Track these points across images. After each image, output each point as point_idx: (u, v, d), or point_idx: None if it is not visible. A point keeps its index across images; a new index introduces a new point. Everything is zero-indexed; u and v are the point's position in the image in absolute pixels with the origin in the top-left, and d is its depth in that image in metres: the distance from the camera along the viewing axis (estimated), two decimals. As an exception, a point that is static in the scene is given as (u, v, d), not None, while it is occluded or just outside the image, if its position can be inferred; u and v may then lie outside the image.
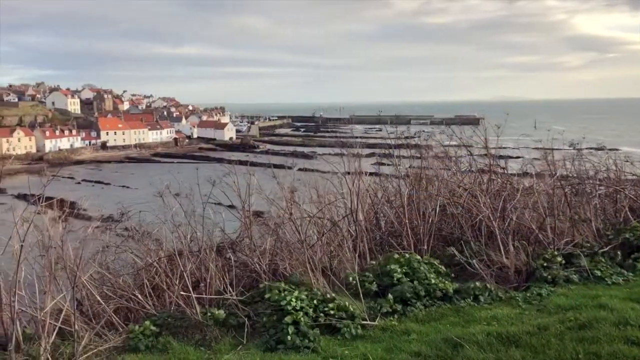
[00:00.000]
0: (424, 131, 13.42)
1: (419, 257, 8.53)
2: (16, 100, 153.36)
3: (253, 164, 10.35)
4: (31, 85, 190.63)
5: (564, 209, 10.34)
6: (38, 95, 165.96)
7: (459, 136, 12.33)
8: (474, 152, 12.18)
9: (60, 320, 6.85)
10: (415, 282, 8.07)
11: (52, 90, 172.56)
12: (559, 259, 8.87)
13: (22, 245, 6.69)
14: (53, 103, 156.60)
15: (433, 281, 8.11)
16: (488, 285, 8.36)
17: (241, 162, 10.35)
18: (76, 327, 6.94)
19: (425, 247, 9.41)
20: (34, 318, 7.23)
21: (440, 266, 8.55)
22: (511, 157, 13.97)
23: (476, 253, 9.09)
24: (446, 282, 8.29)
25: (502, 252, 8.86)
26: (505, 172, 11.73)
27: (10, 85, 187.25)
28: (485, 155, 11.72)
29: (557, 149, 12.38)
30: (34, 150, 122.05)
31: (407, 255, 8.50)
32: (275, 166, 10.41)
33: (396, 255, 8.51)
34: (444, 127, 13.32)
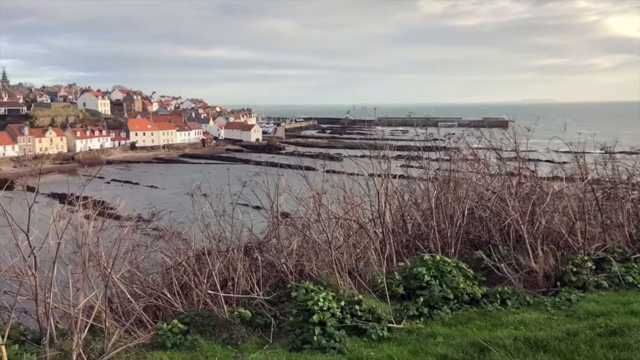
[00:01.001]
0: (453, 133, 13.30)
1: (448, 259, 8.49)
2: (49, 101, 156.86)
3: (278, 165, 10.43)
4: (63, 86, 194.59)
5: (595, 214, 10.16)
6: (70, 96, 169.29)
7: (488, 139, 12.21)
8: (503, 155, 12.05)
9: (92, 317, 7.00)
10: (443, 286, 8.04)
11: (84, 91, 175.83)
12: (589, 264, 8.73)
13: (58, 243, 6.87)
14: (84, 104, 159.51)
15: (461, 285, 8.07)
16: (516, 290, 8.30)
17: (271, 164, 10.41)
18: (107, 324, 7.09)
19: (453, 250, 9.36)
20: (66, 314, 7.41)
21: (468, 270, 8.49)
22: (540, 161, 13.76)
23: (504, 257, 9.01)
24: (474, 285, 8.24)
25: (531, 256, 8.76)
26: (535, 175, 11.57)
27: (44, 87, 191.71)
28: (515, 158, 11.59)
29: (588, 153, 12.16)
30: (65, 150, 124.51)
31: (437, 258, 8.46)
32: (301, 168, 10.47)
33: (425, 257, 8.48)
34: (472, 130, 13.20)
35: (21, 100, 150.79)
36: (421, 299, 7.84)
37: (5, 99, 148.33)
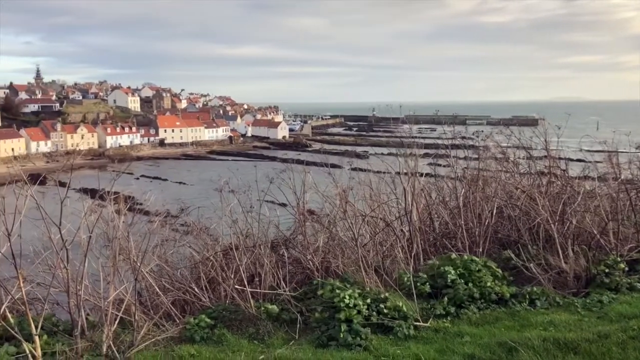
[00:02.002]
0: (482, 131, 13.15)
1: (476, 258, 8.40)
2: (80, 98, 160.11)
3: (304, 163, 10.46)
4: (95, 83, 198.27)
5: (629, 214, 9.94)
6: (101, 93, 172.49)
7: (517, 137, 12.04)
8: (533, 154, 11.87)
9: (122, 310, 7.12)
10: (470, 285, 7.96)
11: (114, 88, 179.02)
12: (622, 265, 8.54)
13: (90, 237, 7.01)
14: (114, 101, 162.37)
15: (489, 284, 7.98)
16: (545, 290, 8.17)
17: (298, 162, 10.45)
18: (136, 317, 7.21)
19: (481, 249, 9.27)
20: (96, 306, 7.56)
21: (496, 269, 8.39)
22: (572, 160, 13.50)
23: (533, 257, 8.88)
24: (502, 285, 8.13)
25: (561, 257, 8.61)
26: (566, 174, 11.37)
27: (76, 84, 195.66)
28: (545, 157, 11.41)
29: (622, 152, 11.89)
30: (95, 146, 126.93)
31: (464, 257, 8.39)
32: (328, 165, 10.48)
33: (453, 256, 8.41)
34: (501, 128, 13.03)
35: (54, 97, 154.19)
36: (447, 297, 7.78)
37: (39, 96, 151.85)
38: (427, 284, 8.09)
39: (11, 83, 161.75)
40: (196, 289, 8.21)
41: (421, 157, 10.62)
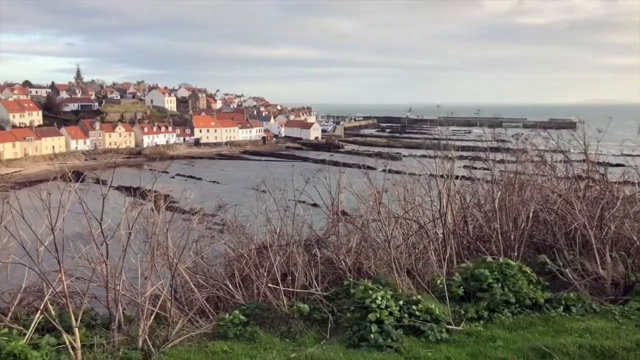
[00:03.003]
0: (521, 134, 12.96)
1: (511, 262, 8.30)
2: (118, 97, 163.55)
3: (336, 164, 10.51)
4: (132, 83, 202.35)
5: (671, 220, 9.67)
6: (138, 93, 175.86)
7: (556, 140, 11.83)
8: (571, 158, 11.64)
9: (158, 305, 7.29)
10: (505, 289, 7.87)
11: (151, 88, 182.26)
12: (663, 273, 8.32)
13: (129, 233, 7.19)
14: (151, 101, 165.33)
15: (524, 289, 7.87)
16: (581, 296, 8.02)
17: (333, 163, 10.51)
18: (171, 312, 7.37)
19: (516, 253, 9.15)
20: (133, 301, 7.74)
21: (531, 274, 8.27)
22: (611, 165, 13.16)
23: (569, 262, 8.72)
24: (537, 290, 8.02)
25: (598, 263, 8.43)
26: (605, 178, 11.11)
27: (114, 84, 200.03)
28: (583, 160, 11.18)
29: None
30: (133, 145, 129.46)
31: (499, 260, 8.30)
32: (362, 167, 10.49)
33: (488, 259, 8.33)
34: (539, 131, 12.81)
35: (93, 97, 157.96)
36: (483, 301, 7.71)
37: (79, 95, 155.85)
38: (461, 287, 8.03)
39: (53, 83, 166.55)
40: (230, 286, 8.33)
41: (457, 159, 10.53)
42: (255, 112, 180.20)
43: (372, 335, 6.84)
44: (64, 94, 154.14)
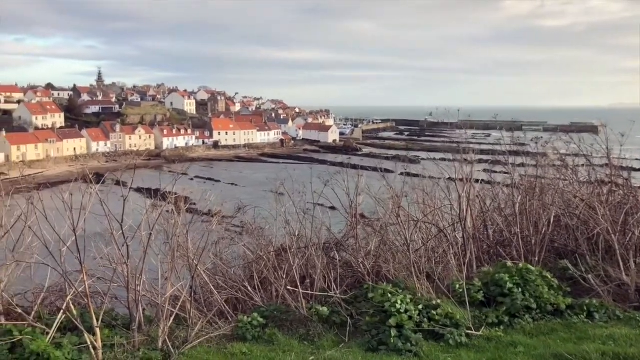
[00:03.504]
0: (541, 137, 12.80)
1: (532, 267, 8.20)
2: (139, 100, 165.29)
3: (355, 167, 10.48)
4: (153, 86, 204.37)
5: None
6: (158, 96, 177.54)
7: (577, 144, 11.67)
8: (593, 162, 11.47)
9: (178, 306, 7.33)
10: (526, 294, 7.78)
11: (171, 91, 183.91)
12: (689, 280, 8.15)
13: (150, 234, 7.26)
14: (171, 103, 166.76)
15: (545, 294, 7.78)
16: (604, 303, 7.90)
17: (352, 166, 10.47)
18: (191, 314, 7.41)
19: (537, 258, 9.04)
20: (152, 302, 7.80)
21: (552, 279, 8.17)
22: (634, 170, 12.95)
23: (592, 268, 8.59)
24: (558, 296, 7.91)
25: (622, 269, 8.30)
26: (629, 183, 10.93)
27: (135, 86, 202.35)
28: (606, 165, 11.01)
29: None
30: (152, 147, 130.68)
31: (520, 265, 8.20)
32: (380, 170, 10.45)
33: (508, 264, 8.24)
34: (560, 134, 12.65)
35: (114, 99, 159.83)
36: (503, 306, 7.63)
37: (100, 98, 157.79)
38: (481, 292, 7.95)
39: (75, 85, 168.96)
40: (249, 288, 8.36)
41: (476, 163, 10.44)
42: (273, 115, 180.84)
43: (391, 340, 6.82)
44: (85, 97, 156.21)
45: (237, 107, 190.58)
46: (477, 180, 10.40)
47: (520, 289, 7.84)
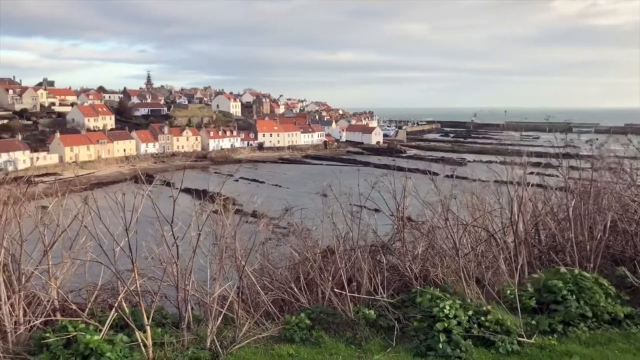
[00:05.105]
0: (596, 139, 12.34)
1: (587, 274, 7.91)
2: (186, 102, 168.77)
3: (401, 169, 10.34)
4: (199, 89, 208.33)
5: None
6: (205, 99, 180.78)
7: (636, 146, 11.20)
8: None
9: (226, 306, 7.39)
10: (581, 302, 7.50)
11: (217, 94, 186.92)
12: None
13: (199, 235, 7.35)
14: (217, 106, 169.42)
15: (601, 303, 7.48)
16: (667, 313, 7.53)
17: (398, 168, 10.32)
18: (238, 314, 7.47)
19: (592, 265, 8.72)
20: (200, 301, 7.90)
21: (609, 287, 7.85)
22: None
23: (652, 276, 8.22)
24: (616, 304, 7.60)
25: (685, 277, 7.90)
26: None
27: (182, 89, 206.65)
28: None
29: None
30: (199, 148, 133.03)
31: (574, 272, 7.92)
32: (423, 172, 10.28)
33: (562, 270, 7.97)
34: (616, 136, 12.17)
35: (162, 102, 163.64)
36: (556, 314, 7.38)
37: (149, 100, 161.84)
38: (533, 298, 7.72)
39: (125, 88, 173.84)
40: (295, 289, 8.35)
41: (527, 166, 10.14)
42: (317, 117, 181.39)
43: (440, 345, 6.69)
44: (135, 99, 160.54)
45: (282, 109, 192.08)
46: (528, 184, 10.11)
47: (574, 296, 7.57)
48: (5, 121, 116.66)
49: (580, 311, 7.40)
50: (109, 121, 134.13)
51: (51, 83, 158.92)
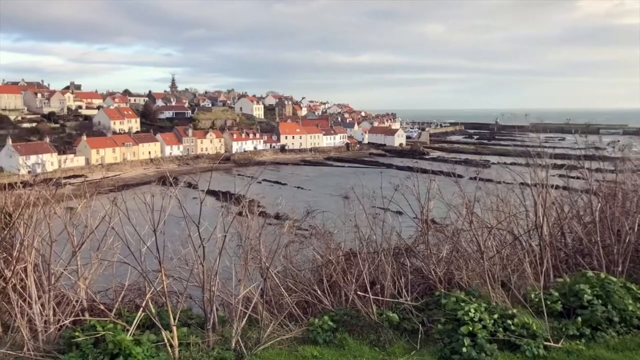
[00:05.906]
0: (618, 141, 12.14)
1: (614, 278, 7.79)
2: (210, 105, 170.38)
3: (425, 171, 10.30)
4: (223, 92, 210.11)
5: None
6: (228, 101, 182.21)
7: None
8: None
9: (250, 308, 7.46)
10: (608, 306, 7.39)
11: (240, 96, 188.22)
12: None
13: (224, 236, 7.43)
14: (241, 108, 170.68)
15: (630, 307, 7.36)
16: (697, 318, 7.38)
17: (422, 170, 10.29)
18: (262, 315, 7.52)
19: (620, 269, 8.58)
20: (225, 302, 7.98)
21: (638, 291, 7.73)
22: None
23: (683, 280, 8.06)
24: (645, 309, 7.47)
25: None
26: None
27: (206, 92, 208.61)
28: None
29: None
30: (222, 150, 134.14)
31: (601, 276, 7.81)
32: (447, 174, 10.22)
33: (588, 274, 7.87)
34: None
35: (186, 105, 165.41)
36: (582, 318, 7.28)
37: (173, 103, 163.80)
38: (559, 302, 7.63)
39: (150, 91, 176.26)
40: (318, 291, 8.38)
41: (551, 168, 10.02)
42: (339, 119, 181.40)
43: (464, 349, 6.65)
44: (159, 102, 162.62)
45: (304, 112, 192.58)
46: (553, 186, 9.99)
47: (601, 301, 7.47)
48: (34, 124, 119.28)
49: (607, 315, 7.29)
50: (134, 124, 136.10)
51: (78, 87, 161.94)
